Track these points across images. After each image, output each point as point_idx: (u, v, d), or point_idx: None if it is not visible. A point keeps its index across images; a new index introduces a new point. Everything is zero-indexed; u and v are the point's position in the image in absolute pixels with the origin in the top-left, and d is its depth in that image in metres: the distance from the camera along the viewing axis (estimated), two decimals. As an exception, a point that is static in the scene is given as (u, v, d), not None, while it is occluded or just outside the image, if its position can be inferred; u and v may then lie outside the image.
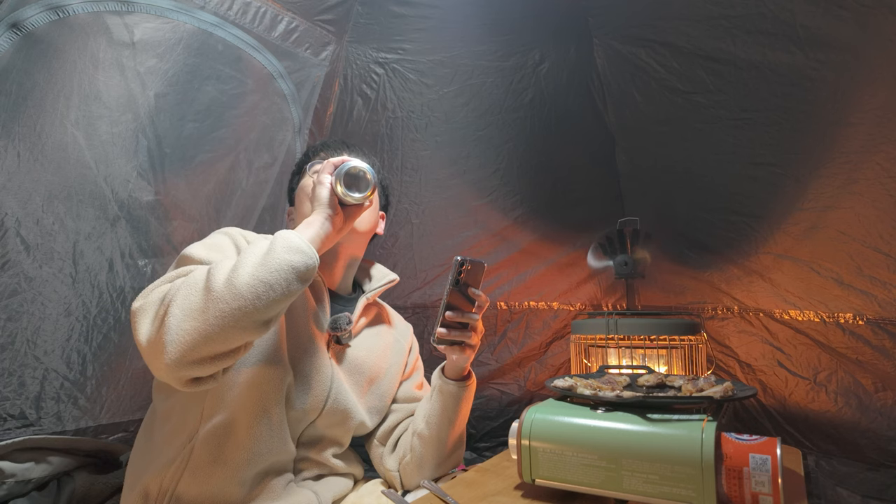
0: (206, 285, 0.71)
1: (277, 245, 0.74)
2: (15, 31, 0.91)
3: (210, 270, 0.73)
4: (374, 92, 1.62)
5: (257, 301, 0.70)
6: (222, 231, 0.92)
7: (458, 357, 0.93)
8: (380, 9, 1.53)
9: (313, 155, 1.06)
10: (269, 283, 0.71)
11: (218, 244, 0.87)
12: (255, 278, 0.71)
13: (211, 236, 0.90)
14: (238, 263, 0.73)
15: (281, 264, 0.72)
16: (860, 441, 1.25)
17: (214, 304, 0.69)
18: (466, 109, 1.63)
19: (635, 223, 1.55)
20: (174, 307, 0.71)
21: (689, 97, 1.37)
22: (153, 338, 0.71)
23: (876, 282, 1.20)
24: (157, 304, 0.73)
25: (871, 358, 1.24)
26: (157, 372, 0.74)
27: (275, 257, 0.73)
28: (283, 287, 0.72)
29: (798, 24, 1.14)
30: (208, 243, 0.87)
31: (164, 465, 0.81)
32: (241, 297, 0.70)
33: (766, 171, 1.32)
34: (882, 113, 1.10)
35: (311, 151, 1.08)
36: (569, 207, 1.71)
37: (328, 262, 1.00)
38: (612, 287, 1.72)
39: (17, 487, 0.95)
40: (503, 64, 1.58)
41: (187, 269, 0.79)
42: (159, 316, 0.72)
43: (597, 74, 1.54)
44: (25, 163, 0.95)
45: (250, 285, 0.70)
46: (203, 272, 0.74)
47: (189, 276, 0.75)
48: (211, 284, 0.71)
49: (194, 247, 0.85)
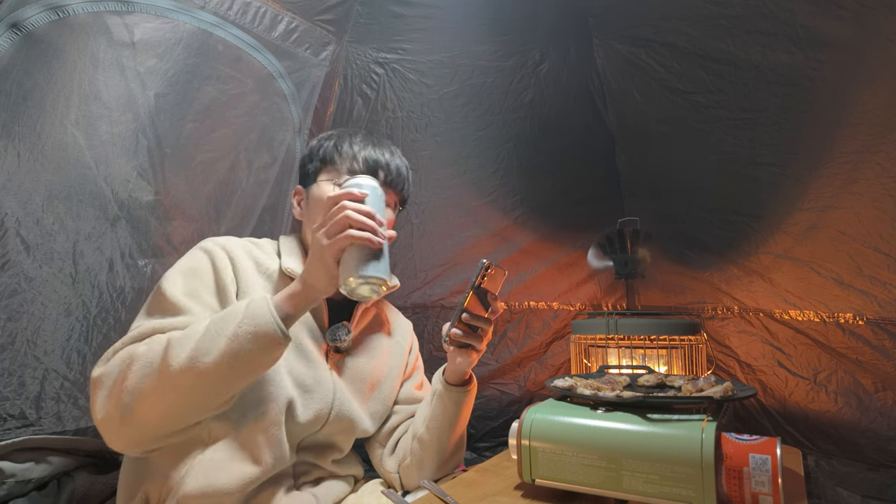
0: (163, 365, 0.68)
1: (244, 328, 0.70)
2: (15, 31, 0.91)
3: (169, 346, 0.70)
4: (374, 92, 1.62)
5: (218, 385, 0.69)
6: (204, 247, 0.88)
7: (462, 360, 0.91)
8: (380, 9, 1.53)
9: (349, 169, 0.93)
10: (233, 368, 0.69)
11: (196, 271, 0.84)
12: (218, 364, 0.68)
13: (191, 254, 0.87)
14: (201, 344, 0.69)
15: (249, 353, 0.70)
16: (860, 441, 1.25)
17: (172, 387, 0.68)
18: (466, 109, 1.63)
19: (635, 223, 1.55)
20: (129, 385, 0.69)
21: (689, 97, 1.37)
22: (106, 416, 0.71)
23: (876, 282, 1.20)
24: (113, 378, 0.71)
25: (871, 358, 1.24)
26: (111, 445, 0.73)
27: (242, 345, 0.69)
28: (248, 371, 0.71)
29: (798, 24, 1.14)
30: (187, 269, 0.84)
31: (163, 478, 0.78)
32: (202, 382, 0.68)
33: (766, 171, 1.32)
34: (882, 113, 1.10)
35: (349, 165, 0.93)
36: (569, 207, 1.71)
37: None
38: (612, 287, 1.72)
39: (17, 487, 0.95)
40: (503, 64, 1.58)
41: (149, 330, 0.75)
42: (114, 395, 0.70)
43: (597, 74, 1.54)
44: (25, 163, 0.95)
45: (212, 372, 0.68)
46: (160, 347, 0.70)
47: (146, 351, 0.71)
48: (169, 364, 0.68)
49: (172, 279, 0.82)
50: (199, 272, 0.83)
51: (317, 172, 0.95)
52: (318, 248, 0.74)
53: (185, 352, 0.68)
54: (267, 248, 0.95)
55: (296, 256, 0.93)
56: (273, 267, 0.91)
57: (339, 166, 0.93)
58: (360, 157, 0.93)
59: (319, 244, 0.74)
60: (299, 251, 0.95)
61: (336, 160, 0.94)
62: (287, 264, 0.90)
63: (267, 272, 0.90)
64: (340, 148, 0.94)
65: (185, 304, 0.79)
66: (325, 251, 0.73)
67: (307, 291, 0.76)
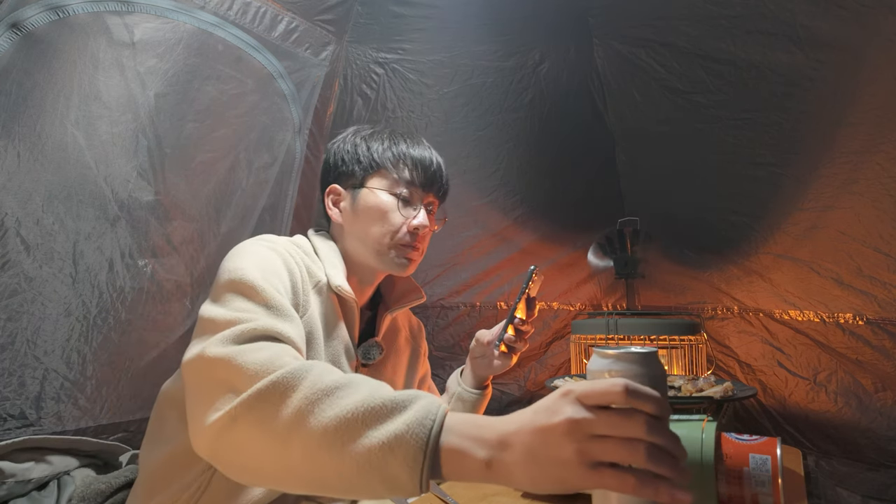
0: (296, 419, 0.53)
1: (396, 460, 0.49)
2: (15, 31, 0.91)
3: (308, 397, 0.54)
4: (374, 92, 1.62)
5: (328, 474, 0.52)
6: (271, 246, 0.78)
7: (501, 363, 0.93)
8: (380, 9, 1.53)
9: (404, 178, 0.87)
10: (353, 478, 0.51)
11: (273, 270, 0.74)
12: (350, 463, 0.50)
13: (256, 251, 0.76)
14: (353, 420, 0.51)
15: (378, 486, 0.50)
16: (860, 441, 1.25)
17: (283, 441, 0.54)
18: (466, 109, 1.63)
19: (635, 223, 1.55)
20: (248, 425, 0.55)
21: (689, 97, 1.37)
22: (213, 431, 0.57)
23: (876, 282, 1.20)
24: (223, 388, 0.58)
25: (871, 358, 1.23)
26: (198, 449, 0.61)
27: (383, 472, 0.49)
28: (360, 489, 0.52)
29: (798, 24, 1.14)
30: (262, 265, 0.73)
31: (181, 489, 0.76)
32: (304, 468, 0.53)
33: (766, 171, 1.32)
34: (882, 113, 1.10)
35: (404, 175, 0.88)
36: (569, 207, 1.71)
37: (365, 284, 0.93)
38: (612, 287, 1.72)
39: (17, 487, 0.95)
40: (503, 64, 1.58)
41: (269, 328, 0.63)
42: (228, 415, 0.56)
43: (597, 74, 1.54)
44: (25, 163, 0.95)
45: (317, 467, 0.52)
46: (295, 384, 0.55)
47: (275, 384, 0.55)
48: (305, 422, 0.53)
49: (248, 269, 0.70)
50: (276, 270, 0.74)
51: (366, 176, 0.89)
52: (559, 460, 0.44)
53: (333, 411, 0.52)
54: (310, 252, 0.88)
55: (340, 270, 0.86)
56: (323, 280, 0.84)
57: (395, 174, 0.88)
58: (419, 167, 0.89)
59: (562, 452, 0.44)
60: (341, 264, 0.88)
61: (390, 167, 0.88)
62: (336, 281, 0.84)
63: (318, 286, 0.83)
64: (398, 153, 0.89)
65: (282, 304, 0.68)
66: (573, 473, 0.44)
67: (492, 478, 0.49)
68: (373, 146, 0.90)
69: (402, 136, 0.92)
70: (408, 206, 0.89)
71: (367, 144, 0.91)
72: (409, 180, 0.89)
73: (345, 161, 0.91)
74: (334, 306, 0.85)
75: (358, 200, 0.89)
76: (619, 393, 0.43)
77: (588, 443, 0.43)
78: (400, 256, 0.88)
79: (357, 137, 0.93)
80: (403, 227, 0.88)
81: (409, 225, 0.88)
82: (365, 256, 0.89)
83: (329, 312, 0.84)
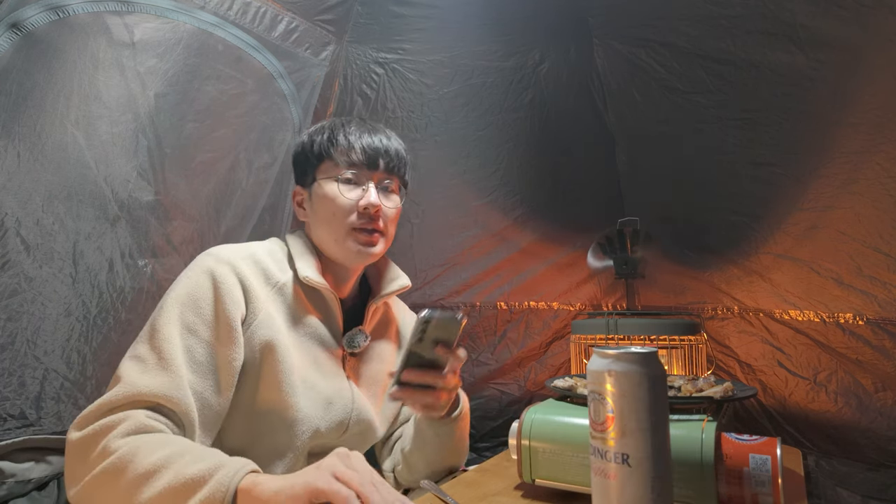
0: (125, 489, 0.63)
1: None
2: (15, 31, 0.91)
3: (136, 469, 0.63)
4: (374, 92, 1.62)
5: None
6: (206, 268, 0.79)
7: (426, 409, 0.80)
8: (380, 9, 1.53)
9: (347, 161, 0.86)
10: None
11: (196, 301, 0.77)
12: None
13: (193, 276, 0.79)
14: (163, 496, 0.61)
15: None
16: (860, 441, 1.25)
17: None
18: (466, 109, 1.63)
19: (635, 223, 1.55)
20: (91, 483, 0.66)
21: (689, 97, 1.37)
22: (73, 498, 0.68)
23: (876, 282, 1.20)
24: (84, 462, 0.68)
25: (871, 358, 1.24)
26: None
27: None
28: None
29: (798, 24, 1.14)
30: (186, 298, 0.77)
31: None
32: None
33: (766, 171, 1.32)
34: (882, 113, 1.10)
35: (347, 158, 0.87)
36: (569, 207, 1.71)
37: (342, 277, 0.92)
38: (612, 287, 1.72)
39: (17, 487, 0.95)
40: (503, 64, 1.58)
41: (132, 395, 0.69)
42: (82, 482, 0.67)
43: (597, 74, 1.54)
44: (25, 163, 0.95)
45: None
46: (127, 460, 0.64)
47: (118, 456, 0.64)
48: (131, 494, 0.62)
49: (169, 310, 0.75)
50: (198, 303, 0.77)
51: (315, 170, 0.90)
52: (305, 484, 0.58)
53: (149, 492, 0.62)
54: (277, 253, 0.89)
55: (310, 263, 0.87)
56: (283, 279, 0.85)
57: (336, 159, 0.87)
58: (356, 147, 0.88)
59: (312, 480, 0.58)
60: (312, 257, 0.89)
61: (333, 153, 0.88)
62: (304, 272, 0.84)
63: (277, 285, 0.84)
64: (335, 140, 0.88)
65: (171, 356, 0.72)
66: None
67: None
68: (315, 139, 0.91)
69: (343, 123, 0.91)
70: (354, 187, 0.87)
71: (310, 139, 0.91)
72: (351, 161, 0.87)
73: (298, 161, 0.93)
74: (302, 301, 0.85)
75: (313, 195, 0.90)
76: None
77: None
78: (357, 243, 0.86)
79: (304, 136, 0.94)
80: (352, 209, 0.86)
81: (357, 206, 0.86)
82: (331, 250, 0.89)
83: (296, 307, 0.85)
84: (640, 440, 0.53)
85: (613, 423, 0.54)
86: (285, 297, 0.84)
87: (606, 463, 0.55)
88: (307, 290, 0.87)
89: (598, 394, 0.56)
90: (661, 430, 0.55)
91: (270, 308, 0.82)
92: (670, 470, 0.55)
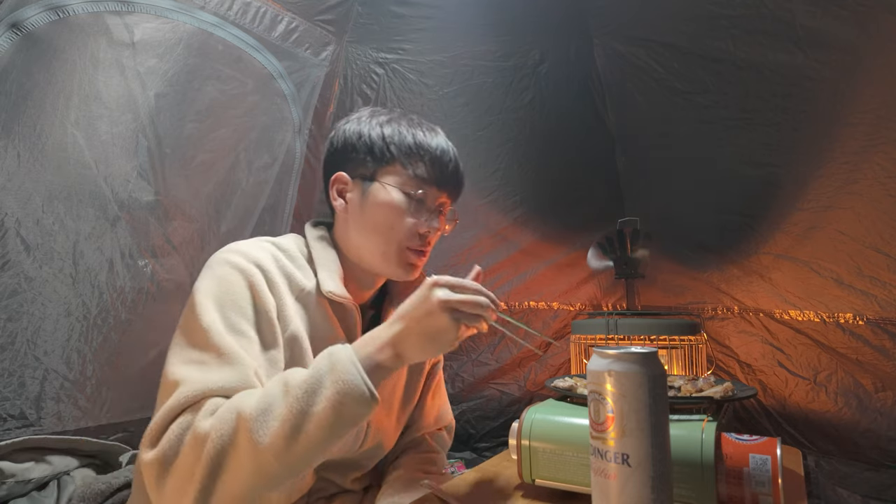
0: (246, 446, 0.60)
1: (348, 404, 0.61)
2: (15, 31, 0.91)
3: (246, 424, 0.60)
4: (374, 92, 1.62)
5: (305, 464, 0.64)
6: (235, 265, 0.73)
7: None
8: (380, 9, 1.53)
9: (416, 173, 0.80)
10: (323, 446, 0.62)
11: (234, 298, 0.71)
12: (307, 447, 0.60)
13: (221, 273, 0.73)
14: (286, 425, 0.60)
15: (340, 428, 0.62)
16: (860, 441, 1.25)
17: (257, 470, 0.60)
18: (466, 110, 1.63)
19: (635, 223, 1.55)
20: (204, 469, 0.60)
21: (689, 97, 1.37)
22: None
23: (876, 282, 1.20)
24: (181, 463, 0.61)
25: (871, 358, 1.24)
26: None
27: (343, 420, 0.61)
28: (336, 443, 0.63)
29: (798, 24, 1.14)
30: (223, 295, 0.71)
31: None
32: (292, 464, 0.61)
33: (766, 171, 1.32)
34: (882, 113, 1.10)
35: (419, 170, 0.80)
36: (569, 207, 1.71)
37: (367, 285, 0.87)
38: (612, 287, 1.72)
39: (17, 487, 0.95)
40: (503, 64, 1.58)
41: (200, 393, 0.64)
42: (188, 480, 0.60)
43: (597, 74, 1.54)
44: (25, 163, 0.95)
45: (303, 454, 0.61)
46: (232, 425, 0.60)
47: (217, 429, 0.60)
48: (256, 445, 0.59)
49: (207, 309, 0.69)
50: (236, 300, 0.71)
51: (379, 168, 0.80)
52: (439, 326, 0.65)
53: (269, 433, 0.60)
54: (297, 256, 0.81)
55: (333, 275, 0.80)
56: (308, 286, 0.78)
57: (411, 170, 0.80)
58: (438, 166, 0.81)
59: (441, 320, 0.65)
60: (336, 266, 0.81)
61: (403, 159, 0.80)
62: (328, 287, 0.78)
63: (301, 293, 0.78)
64: (420, 150, 0.80)
65: (232, 349, 0.67)
66: (450, 331, 0.66)
67: (399, 361, 0.67)
68: (387, 133, 0.81)
69: (419, 124, 0.83)
70: (420, 207, 0.81)
71: (381, 131, 0.81)
72: (424, 177, 0.80)
73: (356, 148, 0.82)
74: (326, 311, 0.79)
75: (367, 194, 0.81)
76: (470, 286, 0.69)
77: (453, 311, 0.66)
78: (405, 262, 0.81)
79: (372, 121, 0.83)
80: (413, 229, 0.80)
81: (419, 228, 0.80)
82: (367, 258, 0.82)
83: (319, 318, 0.78)
84: (640, 440, 0.53)
85: (613, 423, 0.54)
86: (308, 304, 0.78)
87: (606, 463, 0.55)
88: (329, 299, 0.80)
89: (598, 394, 0.56)
90: (661, 430, 0.55)
91: (294, 315, 0.76)
92: (670, 470, 0.55)
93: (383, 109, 0.87)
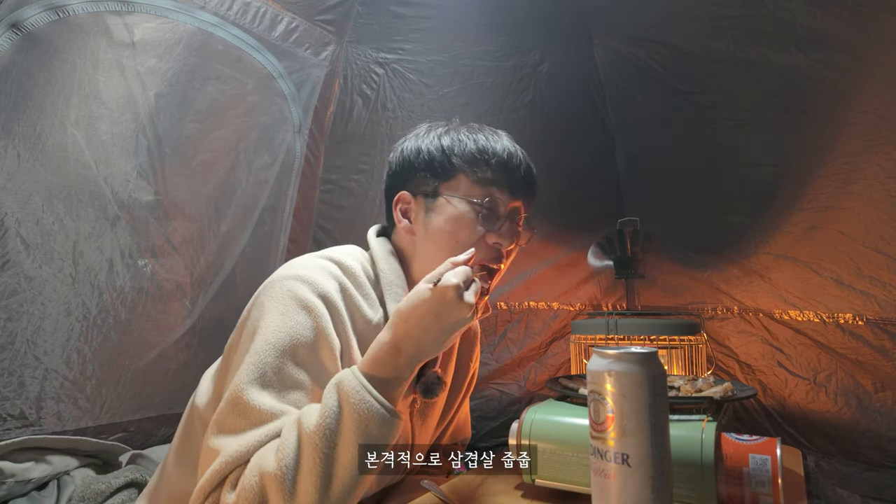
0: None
1: (371, 433, 0.59)
2: (15, 31, 0.91)
3: (282, 490, 0.56)
4: (374, 92, 1.62)
5: (355, 497, 0.61)
6: (297, 297, 0.67)
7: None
8: (380, 9, 1.53)
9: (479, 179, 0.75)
10: (364, 478, 0.60)
11: (296, 343, 0.65)
12: (353, 486, 0.59)
13: (282, 312, 0.66)
14: (326, 478, 0.57)
15: (378, 451, 0.59)
16: (860, 441, 1.25)
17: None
18: (466, 110, 1.63)
19: (635, 223, 1.55)
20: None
21: (689, 97, 1.37)
22: None
23: (876, 282, 1.20)
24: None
25: (871, 358, 1.23)
26: None
27: (371, 448, 0.59)
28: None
29: (798, 24, 1.14)
30: (284, 341, 0.64)
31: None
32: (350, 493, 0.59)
33: (766, 171, 1.32)
34: (882, 113, 1.10)
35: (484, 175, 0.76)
36: (569, 207, 1.71)
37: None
38: (612, 287, 1.72)
39: (17, 487, 0.95)
40: (503, 64, 1.58)
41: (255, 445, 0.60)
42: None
43: (597, 74, 1.54)
44: (25, 163, 0.95)
45: (348, 495, 0.59)
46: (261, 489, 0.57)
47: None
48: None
49: (264, 357, 0.63)
50: (297, 347, 0.65)
51: (440, 183, 0.76)
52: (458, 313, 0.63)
53: (300, 493, 0.57)
54: (363, 283, 0.74)
55: (399, 301, 0.74)
56: (374, 319, 0.73)
57: (470, 174, 0.75)
58: (499, 161, 0.76)
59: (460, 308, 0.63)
60: (404, 291, 0.75)
61: (466, 167, 0.75)
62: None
63: (367, 326, 0.73)
64: (474, 146, 0.76)
65: (281, 410, 0.63)
66: (466, 312, 0.64)
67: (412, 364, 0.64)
68: (446, 144, 0.77)
69: (480, 129, 0.79)
70: (490, 215, 0.75)
71: (440, 142, 0.77)
72: (490, 180, 0.75)
73: (415, 165, 0.78)
74: None
75: (430, 212, 0.76)
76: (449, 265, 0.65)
77: (464, 297, 0.64)
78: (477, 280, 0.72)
79: (430, 135, 0.79)
80: (484, 241, 0.74)
81: (490, 239, 0.74)
82: None
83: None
84: (640, 440, 0.53)
85: (613, 423, 0.54)
86: (369, 336, 0.70)
87: (606, 463, 0.55)
88: None
89: (598, 394, 0.56)
90: (661, 431, 0.55)
91: (357, 354, 0.71)
92: (670, 470, 0.55)
93: (441, 122, 0.82)
